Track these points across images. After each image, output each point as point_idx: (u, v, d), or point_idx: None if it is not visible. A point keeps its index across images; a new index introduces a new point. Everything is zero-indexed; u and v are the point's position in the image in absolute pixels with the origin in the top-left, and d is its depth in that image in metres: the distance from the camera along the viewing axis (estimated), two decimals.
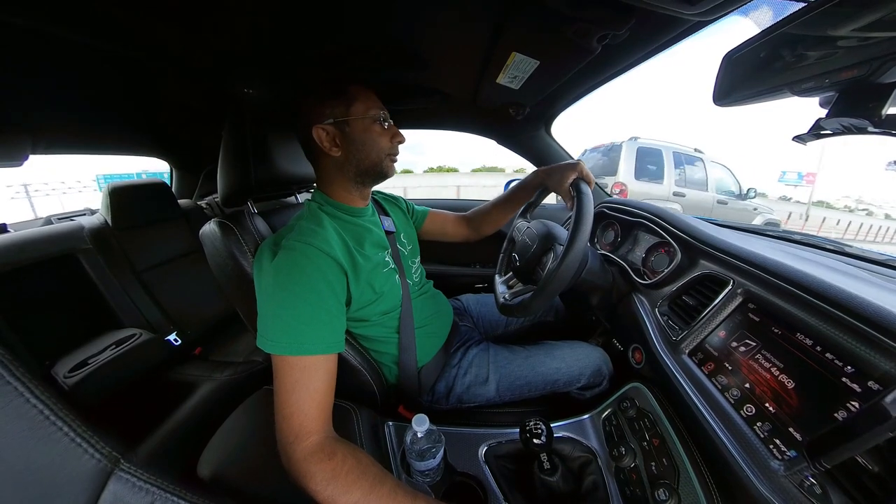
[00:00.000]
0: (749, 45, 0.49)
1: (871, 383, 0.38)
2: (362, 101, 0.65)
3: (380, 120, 0.66)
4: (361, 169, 0.67)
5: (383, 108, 0.68)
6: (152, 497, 0.28)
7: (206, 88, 0.97)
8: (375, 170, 0.68)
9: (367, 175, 0.68)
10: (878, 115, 0.41)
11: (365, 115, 0.64)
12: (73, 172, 21.24)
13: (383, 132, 0.67)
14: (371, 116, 0.65)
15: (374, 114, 0.65)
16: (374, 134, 0.65)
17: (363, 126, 0.64)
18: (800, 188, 29.88)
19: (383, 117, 0.67)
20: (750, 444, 0.46)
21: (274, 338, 0.50)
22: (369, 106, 0.65)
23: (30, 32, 0.61)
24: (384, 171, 0.69)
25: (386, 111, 0.68)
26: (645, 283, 0.76)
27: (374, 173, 0.68)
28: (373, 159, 0.67)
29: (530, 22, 0.58)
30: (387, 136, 0.67)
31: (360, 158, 0.66)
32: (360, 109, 0.64)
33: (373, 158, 0.67)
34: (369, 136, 0.65)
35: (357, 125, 0.64)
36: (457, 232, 1.01)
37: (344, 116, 0.63)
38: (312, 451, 0.46)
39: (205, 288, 1.37)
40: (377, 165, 0.68)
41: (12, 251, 1.00)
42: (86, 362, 0.92)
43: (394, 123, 0.69)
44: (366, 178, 0.69)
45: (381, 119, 0.66)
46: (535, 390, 0.77)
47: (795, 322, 0.48)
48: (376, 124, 0.66)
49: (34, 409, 0.26)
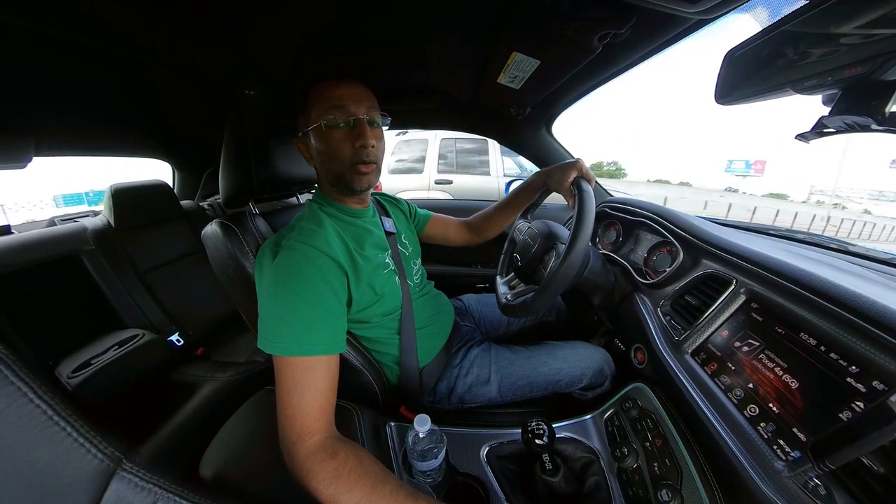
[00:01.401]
0: (751, 44, 0.48)
1: (877, 383, 0.38)
2: (318, 106, 0.58)
3: (336, 123, 0.57)
4: (331, 181, 0.63)
5: (345, 104, 0.58)
6: (155, 497, 0.28)
7: (207, 90, 0.98)
8: (341, 182, 0.62)
9: (340, 187, 0.64)
10: (881, 113, 0.40)
11: (320, 122, 0.57)
12: (32, 193, 23.33)
13: (343, 137, 0.58)
14: (326, 122, 0.57)
15: (327, 118, 0.57)
16: (332, 141, 0.58)
17: (319, 134, 0.59)
18: (749, 179, 28.26)
19: (344, 118, 0.57)
20: (753, 445, 0.46)
21: (275, 338, 0.50)
22: (324, 108, 0.58)
23: (33, 34, 0.62)
24: (349, 185, 0.62)
25: (354, 105, 0.58)
26: (647, 283, 0.76)
27: (341, 186, 0.63)
28: (335, 172, 0.61)
29: (531, 21, 0.58)
30: (348, 143, 0.58)
31: (326, 170, 0.62)
32: (314, 116, 0.58)
33: (335, 171, 0.61)
34: (326, 144, 0.59)
35: (315, 135, 0.59)
36: (459, 237, 1.00)
37: (305, 127, 0.60)
38: (315, 451, 0.46)
39: (207, 288, 1.37)
40: (341, 178, 0.61)
41: (16, 252, 1.00)
42: (89, 363, 0.93)
43: (389, 123, 0.65)
44: (340, 189, 0.64)
45: (340, 122, 0.57)
46: (536, 391, 0.76)
47: (799, 322, 0.47)
48: (334, 130, 0.58)
49: (38, 410, 0.26)
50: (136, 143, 1.45)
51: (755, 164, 26.07)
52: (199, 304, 1.35)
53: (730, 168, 29.33)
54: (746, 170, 27.91)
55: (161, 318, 1.23)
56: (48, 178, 20.71)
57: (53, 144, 1.13)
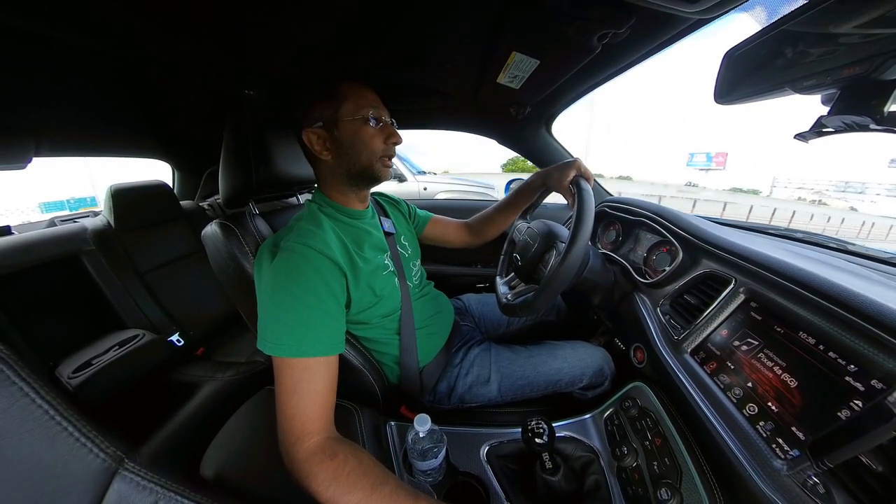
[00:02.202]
0: (750, 43, 0.49)
1: (875, 382, 0.38)
2: (353, 101, 0.62)
3: (372, 120, 0.62)
4: (353, 173, 0.65)
5: (378, 107, 0.64)
6: (156, 496, 0.28)
7: (207, 90, 0.97)
8: (367, 174, 0.65)
9: (359, 179, 0.66)
10: (880, 113, 0.40)
11: (355, 116, 0.61)
12: (20, 199, 24.30)
13: (376, 133, 0.63)
14: (361, 117, 0.61)
15: (364, 114, 0.62)
16: (364, 136, 0.62)
17: (353, 128, 0.62)
18: (713, 173, 26.95)
19: (376, 117, 0.63)
20: (752, 444, 0.46)
21: (274, 340, 0.50)
22: (360, 105, 0.62)
23: (33, 35, 0.62)
24: (376, 175, 0.66)
25: (382, 109, 0.65)
26: (647, 283, 0.76)
27: (366, 177, 0.66)
28: (363, 163, 0.64)
29: (531, 21, 0.58)
30: (380, 138, 0.64)
31: (351, 162, 0.64)
32: (349, 110, 0.61)
33: (363, 162, 0.64)
34: (359, 138, 0.62)
35: (346, 127, 0.61)
36: (458, 238, 1.00)
37: (332, 118, 0.61)
38: (314, 452, 0.46)
39: (207, 289, 1.37)
40: (368, 169, 0.65)
41: (16, 253, 1.01)
42: (90, 363, 0.93)
43: (393, 122, 0.67)
44: (359, 181, 0.67)
45: (374, 119, 0.62)
46: (536, 390, 0.76)
47: (798, 321, 0.47)
48: (367, 125, 0.62)
49: (39, 410, 0.27)
50: (136, 143, 1.45)
51: (716, 156, 24.98)
52: (200, 305, 1.35)
53: (691, 162, 28.34)
54: (708, 163, 26.99)
55: (161, 318, 1.23)
56: (33, 184, 21.61)
57: (53, 145, 1.13)
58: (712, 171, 27.59)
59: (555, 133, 1.30)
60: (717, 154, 25.21)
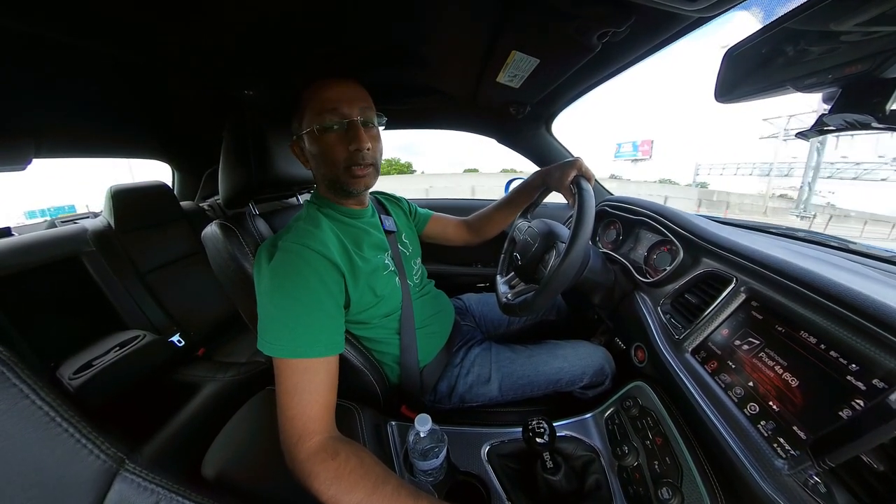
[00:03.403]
0: (751, 42, 0.48)
1: (877, 381, 0.38)
2: (310, 110, 0.59)
3: (331, 128, 0.57)
4: (326, 184, 0.64)
5: (339, 105, 0.58)
6: (157, 497, 0.28)
7: (207, 90, 0.97)
8: (336, 186, 0.63)
9: (334, 190, 0.64)
10: (882, 111, 0.40)
11: (311, 127, 0.58)
12: (9, 207, 25.69)
13: (337, 141, 0.59)
14: (318, 126, 0.58)
15: (321, 121, 0.58)
16: (324, 146, 0.59)
17: (313, 139, 0.59)
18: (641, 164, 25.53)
19: (337, 120, 0.57)
20: (754, 443, 0.46)
21: (273, 340, 0.50)
22: (317, 112, 0.58)
23: (33, 37, 0.62)
24: (344, 188, 0.62)
25: (348, 107, 0.58)
26: (647, 282, 0.76)
27: (336, 189, 0.64)
28: (328, 175, 0.61)
29: (530, 20, 0.58)
30: (342, 145, 0.59)
31: (321, 174, 0.63)
32: (308, 120, 0.59)
33: (327, 174, 0.61)
34: (320, 148, 0.59)
35: (308, 139, 0.60)
36: (458, 236, 1.00)
37: (298, 131, 0.60)
38: (316, 451, 0.46)
39: (207, 289, 1.37)
40: (335, 182, 0.62)
41: (17, 254, 1.01)
42: (90, 364, 0.93)
43: (387, 123, 0.65)
44: (336, 192, 0.65)
45: (334, 123, 0.57)
46: (537, 390, 0.76)
47: (799, 320, 0.47)
48: (327, 134, 0.58)
49: (40, 411, 0.27)
50: (136, 143, 1.45)
51: (642, 144, 23.62)
52: (200, 305, 1.35)
53: (619, 153, 26.76)
54: (634, 152, 25.80)
55: (162, 319, 1.23)
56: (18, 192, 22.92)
57: (53, 146, 1.13)
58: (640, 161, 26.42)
59: (554, 132, 1.30)
60: (643, 143, 24.03)
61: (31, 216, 4.59)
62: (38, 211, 19.26)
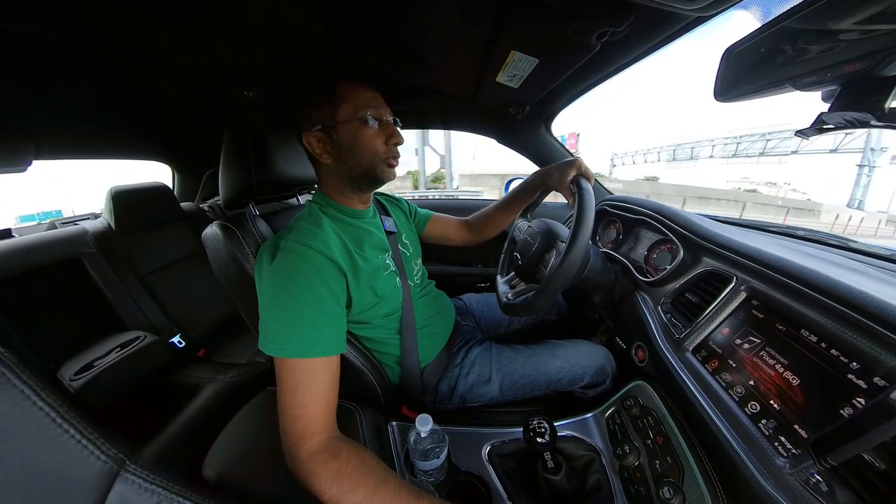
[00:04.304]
0: (750, 40, 0.48)
1: (878, 379, 0.38)
2: (350, 102, 0.60)
3: (371, 121, 0.61)
4: (354, 175, 0.64)
5: (378, 106, 0.63)
6: (158, 498, 0.28)
7: (207, 91, 0.98)
8: (369, 176, 0.64)
9: (361, 181, 0.65)
10: (881, 109, 0.40)
11: (353, 118, 0.60)
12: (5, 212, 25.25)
13: (377, 134, 0.62)
14: (360, 118, 0.60)
15: (362, 115, 0.60)
16: (364, 137, 0.61)
17: (351, 130, 0.61)
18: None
19: (376, 117, 0.61)
20: (755, 442, 0.46)
21: (275, 340, 0.50)
22: (359, 107, 0.60)
23: (32, 38, 0.62)
24: (379, 177, 0.65)
25: (383, 109, 0.63)
26: (647, 281, 0.76)
27: (367, 179, 0.65)
28: (364, 165, 0.63)
29: (529, 20, 0.58)
30: (381, 139, 0.63)
31: (352, 165, 0.63)
32: (347, 112, 0.60)
33: (364, 164, 0.63)
34: (359, 140, 0.61)
35: (345, 129, 0.60)
36: (458, 236, 1.00)
37: (331, 121, 0.60)
38: (317, 451, 0.46)
39: (208, 290, 1.37)
40: (370, 171, 0.64)
41: (17, 255, 1.01)
42: (91, 365, 0.93)
43: (396, 122, 0.66)
44: (361, 183, 0.66)
45: (374, 119, 0.61)
46: (538, 389, 0.76)
47: (800, 318, 0.47)
48: (367, 126, 0.61)
49: (41, 412, 0.27)
50: (136, 145, 1.45)
51: (569, 137, 23.16)
52: (201, 306, 1.35)
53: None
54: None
55: (163, 320, 1.23)
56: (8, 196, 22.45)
57: (54, 148, 1.13)
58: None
59: (553, 131, 1.30)
60: (570, 135, 23.62)
61: (25, 220, 4.76)
62: (31, 216, 19.70)
